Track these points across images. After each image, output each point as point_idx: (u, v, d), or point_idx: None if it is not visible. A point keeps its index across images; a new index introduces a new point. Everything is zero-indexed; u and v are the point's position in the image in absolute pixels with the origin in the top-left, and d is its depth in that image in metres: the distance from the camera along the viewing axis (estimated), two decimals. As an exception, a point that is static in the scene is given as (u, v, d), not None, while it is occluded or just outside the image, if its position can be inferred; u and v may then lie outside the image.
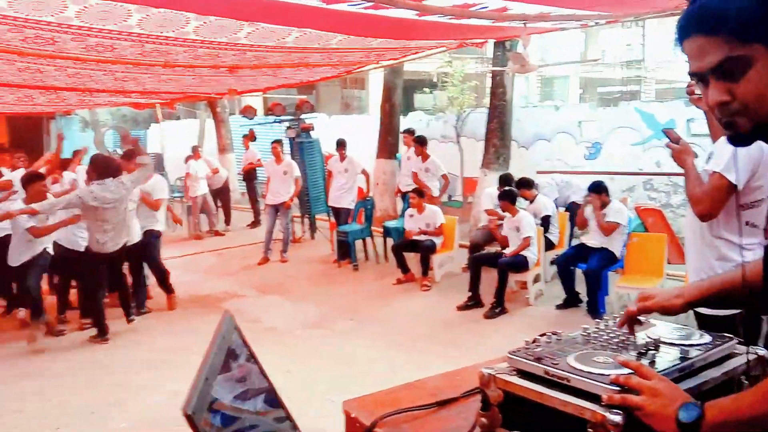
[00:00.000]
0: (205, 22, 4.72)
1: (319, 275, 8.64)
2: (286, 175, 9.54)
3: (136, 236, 6.73)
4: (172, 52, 5.76)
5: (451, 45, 7.18)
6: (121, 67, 6.46)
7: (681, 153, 2.66)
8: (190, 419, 0.76)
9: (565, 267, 6.77)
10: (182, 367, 5.44)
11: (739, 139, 1.13)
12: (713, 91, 1.09)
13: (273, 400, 1.09)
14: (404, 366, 5.31)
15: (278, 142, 10.10)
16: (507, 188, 7.14)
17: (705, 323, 2.49)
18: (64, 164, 8.41)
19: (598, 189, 6.59)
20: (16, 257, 6.16)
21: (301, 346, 5.94)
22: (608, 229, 6.47)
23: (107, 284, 6.60)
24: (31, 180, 6.33)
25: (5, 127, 25.67)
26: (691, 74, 1.12)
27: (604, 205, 6.55)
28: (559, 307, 6.75)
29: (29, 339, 6.04)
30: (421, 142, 9.22)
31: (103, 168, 6.28)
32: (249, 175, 12.75)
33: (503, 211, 7.01)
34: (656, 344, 1.51)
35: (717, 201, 2.45)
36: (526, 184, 7.54)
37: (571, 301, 6.72)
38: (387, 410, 1.51)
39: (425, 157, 9.17)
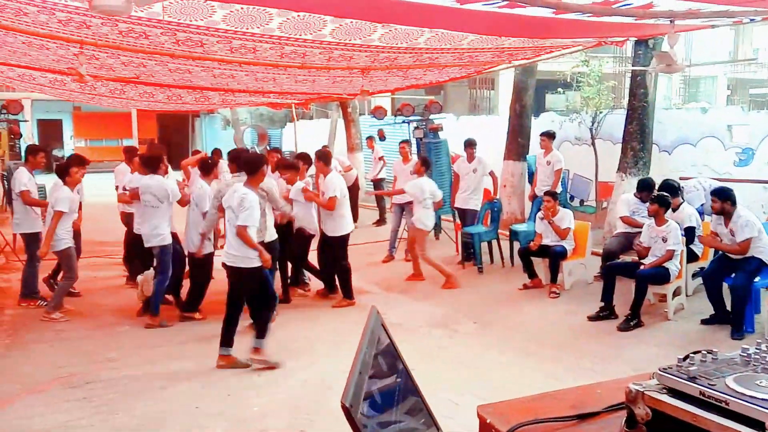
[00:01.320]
0: (340, 25, 4.85)
1: (442, 276, 8.63)
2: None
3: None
4: (309, 54, 5.97)
5: (588, 44, 6.90)
6: (261, 68, 6.81)
7: None
8: (347, 411, 0.77)
9: (712, 281, 6.29)
10: (311, 356, 5.65)
11: None
12: None
13: (416, 395, 1.08)
14: (531, 374, 5.18)
15: (406, 142, 10.19)
16: (661, 193, 6.70)
17: None
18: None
19: (720, 194, 6.15)
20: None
21: (425, 344, 5.96)
22: (742, 250, 5.97)
23: None
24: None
25: (156, 124, 27.91)
26: None
27: (727, 214, 6.05)
28: (704, 322, 6.28)
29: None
30: (471, 145, 9.40)
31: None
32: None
33: (652, 216, 6.57)
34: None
35: None
36: (670, 189, 7.01)
37: (720, 317, 6.22)
38: (524, 418, 1.46)
39: (548, 150, 9.21)
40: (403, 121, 11.46)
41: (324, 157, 7.61)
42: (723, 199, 6.11)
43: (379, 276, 8.71)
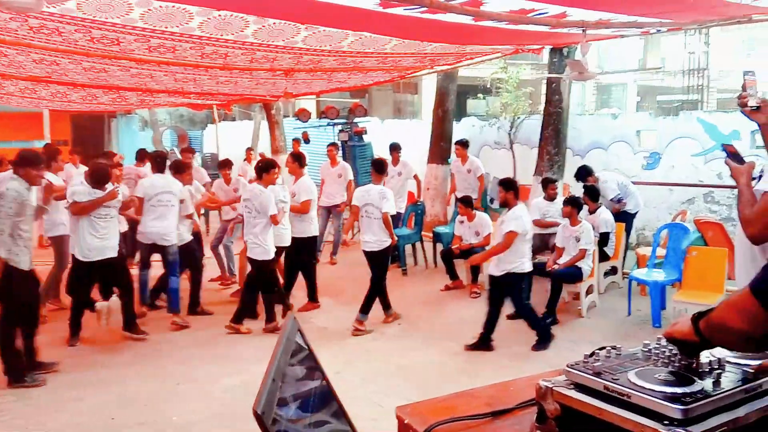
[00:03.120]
0: (263, 26, 4.80)
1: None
2: (341, 178, 9.61)
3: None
4: (231, 55, 5.88)
5: (507, 51, 7.11)
6: (181, 68, 6.64)
7: (738, 171, 2.56)
8: (259, 418, 0.78)
9: None
10: (235, 362, 5.55)
11: None
12: None
13: (332, 400, 1.09)
14: (454, 373, 5.29)
15: (334, 145, 10.18)
16: (573, 195, 7.00)
17: None
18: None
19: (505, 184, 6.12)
20: None
21: (350, 348, 5.97)
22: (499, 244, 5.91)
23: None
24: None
25: (69, 125, 26.65)
26: None
27: (509, 205, 6.01)
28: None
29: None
30: (396, 149, 9.52)
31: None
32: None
33: (567, 217, 6.84)
34: (721, 363, 1.46)
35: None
36: (592, 193, 7.35)
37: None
38: (441, 418, 1.50)
39: (464, 158, 9.29)
40: (328, 124, 11.46)
41: (298, 158, 7.53)
42: (506, 190, 6.00)
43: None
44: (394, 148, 9.52)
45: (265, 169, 6.56)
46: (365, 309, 6.48)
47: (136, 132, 21.45)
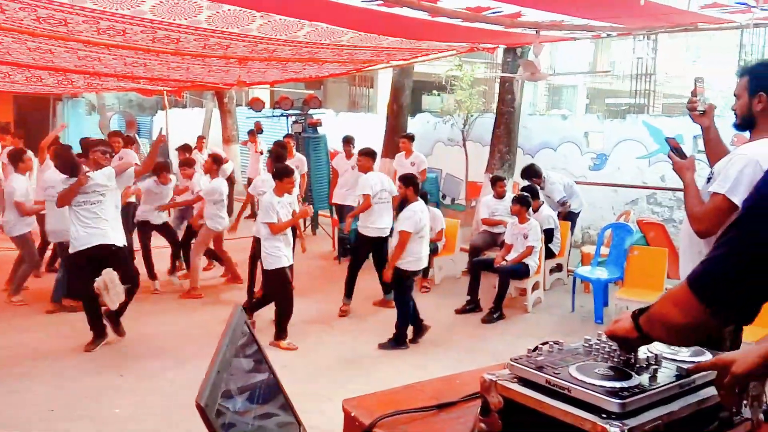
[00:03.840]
0: (218, 12, 4.72)
1: (319, 272, 8.64)
2: (297, 171, 9.49)
3: None
4: (183, 40, 5.76)
5: (461, 48, 7.19)
6: (131, 52, 6.47)
7: (682, 166, 2.67)
8: (202, 410, 0.76)
9: None
10: (180, 355, 5.46)
11: None
12: None
13: (278, 393, 1.09)
14: (403, 366, 5.32)
15: (290, 136, 10.07)
16: (522, 194, 7.11)
17: None
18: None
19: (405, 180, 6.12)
20: None
21: (300, 341, 5.95)
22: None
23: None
24: None
25: (11, 107, 25.62)
26: None
27: (409, 202, 6.04)
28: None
29: None
30: (349, 142, 9.42)
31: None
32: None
33: (515, 215, 6.95)
34: (657, 359, 1.51)
35: (717, 221, 2.47)
36: (533, 192, 7.50)
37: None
38: (386, 411, 1.51)
39: (409, 152, 9.13)
40: (281, 115, 11.34)
41: (278, 156, 7.31)
42: (406, 186, 6.00)
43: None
44: (347, 141, 9.47)
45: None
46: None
47: (82, 116, 20.77)
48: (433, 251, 7.73)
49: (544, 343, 1.56)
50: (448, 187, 12.23)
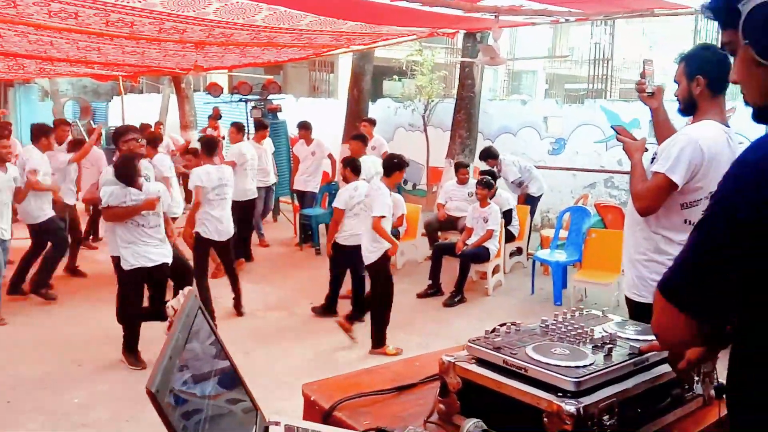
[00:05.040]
0: (173, -5, 4.62)
1: (280, 258, 8.59)
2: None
3: None
4: (138, 24, 5.62)
5: (422, 33, 7.18)
6: (84, 36, 6.28)
7: (631, 147, 2.73)
8: (152, 396, 0.75)
9: None
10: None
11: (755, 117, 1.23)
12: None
13: (235, 379, 1.08)
14: (365, 352, 5.33)
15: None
16: (486, 177, 7.13)
17: (638, 312, 2.58)
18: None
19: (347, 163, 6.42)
20: None
21: (262, 327, 5.92)
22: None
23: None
24: None
25: (-40, 94, 24.69)
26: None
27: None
28: None
29: None
30: (306, 128, 9.29)
31: None
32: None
33: (480, 199, 6.99)
34: (612, 339, 1.55)
35: (658, 199, 2.55)
36: (493, 176, 7.57)
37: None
38: (346, 394, 1.52)
39: (370, 136, 9.12)
40: (240, 100, 11.17)
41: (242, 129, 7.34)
42: (345, 166, 6.34)
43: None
44: (303, 127, 9.33)
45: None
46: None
47: (35, 102, 20.15)
48: (395, 236, 7.75)
49: (501, 325, 1.58)
50: (410, 172, 12.18)
